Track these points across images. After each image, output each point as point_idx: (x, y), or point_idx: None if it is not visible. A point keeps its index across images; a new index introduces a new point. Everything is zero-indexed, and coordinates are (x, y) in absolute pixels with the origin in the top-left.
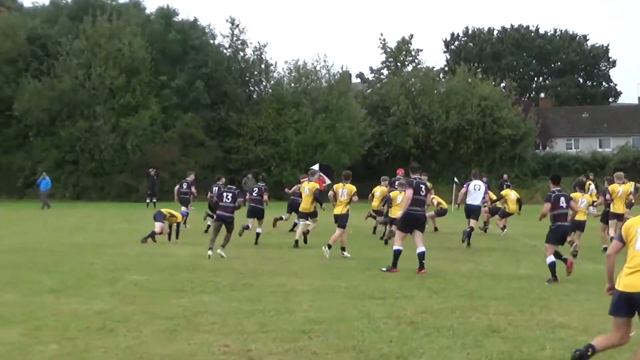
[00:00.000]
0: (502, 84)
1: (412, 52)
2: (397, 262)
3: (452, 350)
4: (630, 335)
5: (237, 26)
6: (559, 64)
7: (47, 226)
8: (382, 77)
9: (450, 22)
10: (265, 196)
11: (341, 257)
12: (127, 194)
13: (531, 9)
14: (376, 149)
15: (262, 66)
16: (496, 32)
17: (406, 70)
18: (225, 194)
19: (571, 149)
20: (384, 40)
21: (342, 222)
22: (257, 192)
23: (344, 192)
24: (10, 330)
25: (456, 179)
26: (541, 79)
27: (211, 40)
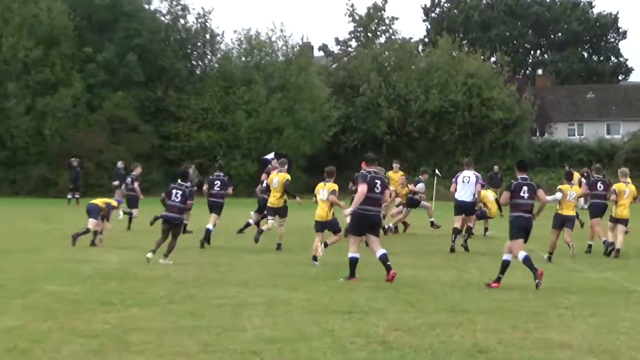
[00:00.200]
0: (492, 59)
1: (386, 21)
2: (354, 271)
3: None
4: None
5: None
6: (559, 35)
7: None
8: (349, 50)
9: None
10: (229, 190)
11: (300, 264)
12: (44, 188)
13: None
14: (343, 135)
15: (207, 36)
16: None
17: (378, 42)
18: (174, 192)
19: (574, 135)
20: (352, 6)
21: (333, 227)
22: (219, 185)
23: (324, 193)
24: None
25: (438, 171)
26: (538, 52)
27: (146, 5)
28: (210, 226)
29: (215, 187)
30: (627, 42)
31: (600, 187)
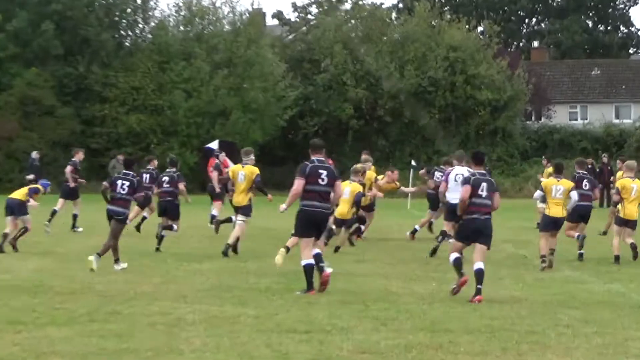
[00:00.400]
0: (479, 29)
1: None
2: (312, 281)
3: None
4: None
5: None
6: (559, 0)
7: None
8: (309, 18)
9: None
10: (180, 185)
11: (250, 274)
12: None
13: None
14: (301, 119)
15: (138, 2)
16: None
17: (344, 8)
18: (120, 182)
19: (576, 119)
20: None
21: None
22: (169, 181)
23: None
24: None
25: (414, 162)
26: (534, 21)
27: None
28: (171, 230)
29: (164, 185)
30: (639, 9)
31: (585, 186)
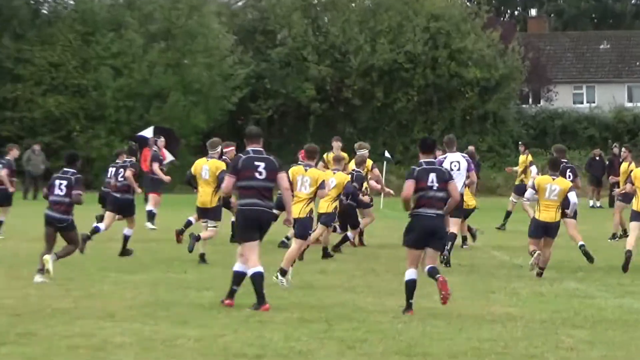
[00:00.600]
0: None
1: None
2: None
3: None
4: None
5: None
6: None
7: None
8: None
9: None
10: (128, 172)
11: (190, 288)
12: None
13: None
14: (253, 102)
15: None
16: None
17: None
18: (57, 182)
19: (582, 102)
20: None
21: (302, 231)
22: (120, 173)
23: (305, 182)
24: None
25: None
26: None
27: None
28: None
29: (119, 178)
30: None
31: (569, 177)
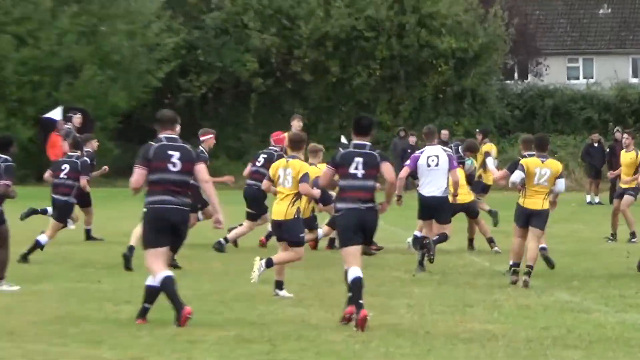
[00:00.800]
0: None
1: None
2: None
3: None
4: None
5: None
6: None
7: None
8: None
9: None
10: (83, 180)
11: (108, 300)
12: None
13: None
14: (183, 78)
15: None
16: None
17: None
18: None
19: (577, 78)
20: None
21: (291, 236)
22: (69, 170)
23: (288, 174)
24: None
25: (344, 139)
26: None
27: None
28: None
29: (62, 174)
30: None
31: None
